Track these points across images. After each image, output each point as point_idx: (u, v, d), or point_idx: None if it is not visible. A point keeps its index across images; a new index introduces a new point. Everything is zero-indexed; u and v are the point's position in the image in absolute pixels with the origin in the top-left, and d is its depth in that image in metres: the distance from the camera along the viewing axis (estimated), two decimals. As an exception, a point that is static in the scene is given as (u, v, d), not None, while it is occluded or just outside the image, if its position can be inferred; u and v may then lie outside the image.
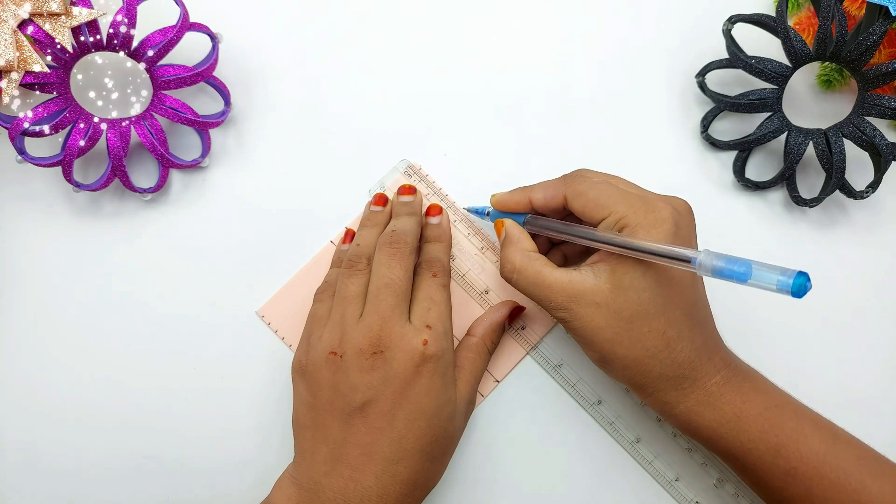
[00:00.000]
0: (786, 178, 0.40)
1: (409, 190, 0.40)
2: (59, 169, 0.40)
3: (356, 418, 0.33)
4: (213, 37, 0.40)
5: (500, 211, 0.38)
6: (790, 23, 0.42)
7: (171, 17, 0.38)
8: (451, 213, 0.41)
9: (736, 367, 0.34)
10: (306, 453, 0.34)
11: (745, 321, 0.40)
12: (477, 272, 0.40)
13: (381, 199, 0.40)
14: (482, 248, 0.40)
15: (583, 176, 0.34)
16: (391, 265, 0.35)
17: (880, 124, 0.42)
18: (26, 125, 0.37)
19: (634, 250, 0.31)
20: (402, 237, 0.36)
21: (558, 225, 0.35)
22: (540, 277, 0.33)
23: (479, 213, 0.39)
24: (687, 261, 0.29)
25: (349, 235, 0.40)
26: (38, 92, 0.37)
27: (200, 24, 0.39)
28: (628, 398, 0.39)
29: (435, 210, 0.40)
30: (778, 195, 0.42)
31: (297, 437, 0.35)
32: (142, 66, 0.39)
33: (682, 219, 0.33)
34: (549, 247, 0.39)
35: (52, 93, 0.37)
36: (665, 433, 0.38)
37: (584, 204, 0.33)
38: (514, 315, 0.39)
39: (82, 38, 0.37)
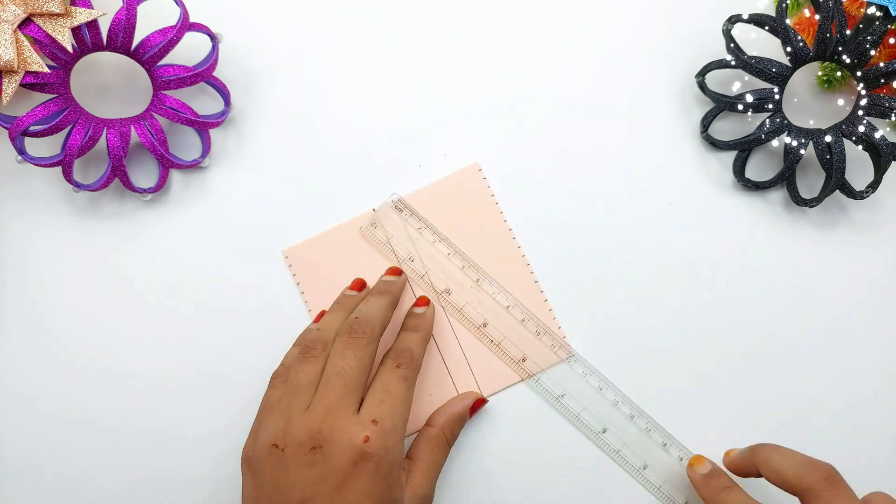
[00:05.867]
0: (786, 178, 0.40)
1: (394, 271, 0.39)
2: (59, 169, 0.40)
3: None
4: (213, 37, 0.40)
5: None
6: (790, 23, 0.42)
7: (171, 17, 0.38)
8: (443, 247, 0.40)
9: None
10: None
11: (743, 323, 0.40)
12: (474, 305, 0.40)
13: (357, 284, 0.39)
14: (477, 280, 0.40)
15: None
16: (345, 354, 0.33)
17: (880, 124, 0.42)
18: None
19: None
20: (363, 325, 0.34)
21: None
22: None
23: None
24: None
25: (321, 316, 0.39)
26: (38, 92, 0.37)
27: (200, 24, 0.39)
28: (632, 424, 0.38)
29: (422, 301, 0.39)
30: (778, 195, 0.42)
31: None
32: (142, 66, 0.39)
33: None
34: None
35: (52, 93, 0.37)
36: (671, 458, 0.38)
37: None
38: (476, 407, 0.38)
39: (82, 38, 0.37)
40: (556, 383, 0.39)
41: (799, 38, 0.39)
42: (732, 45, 0.40)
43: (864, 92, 0.39)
